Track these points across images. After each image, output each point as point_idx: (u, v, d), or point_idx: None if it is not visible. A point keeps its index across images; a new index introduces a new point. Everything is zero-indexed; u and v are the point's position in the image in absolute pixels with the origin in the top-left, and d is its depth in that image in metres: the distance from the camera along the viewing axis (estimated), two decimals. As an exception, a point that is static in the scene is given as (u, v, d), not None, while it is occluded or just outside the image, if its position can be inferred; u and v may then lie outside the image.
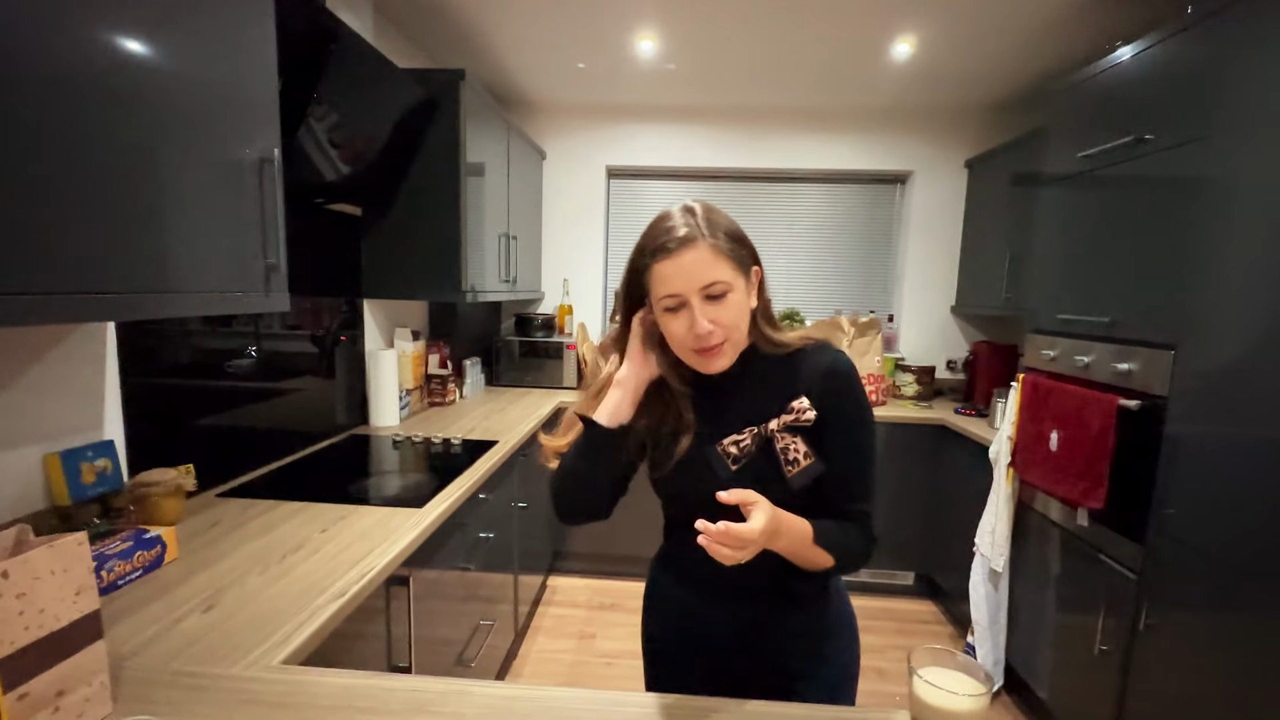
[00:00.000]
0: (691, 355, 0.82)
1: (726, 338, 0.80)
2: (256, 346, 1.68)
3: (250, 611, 0.95)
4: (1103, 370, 1.73)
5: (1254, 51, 1.33)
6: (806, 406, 0.82)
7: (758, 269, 0.87)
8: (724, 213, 0.84)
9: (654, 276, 0.81)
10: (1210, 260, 1.42)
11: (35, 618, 0.65)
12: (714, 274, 0.78)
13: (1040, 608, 1.96)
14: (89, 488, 1.15)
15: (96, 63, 0.81)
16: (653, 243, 0.81)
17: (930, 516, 2.74)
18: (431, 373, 2.56)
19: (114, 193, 0.85)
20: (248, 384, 1.66)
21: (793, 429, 0.83)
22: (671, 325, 0.82)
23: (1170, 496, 1.48)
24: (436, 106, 2.02)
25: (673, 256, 0.78)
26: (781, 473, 0.83)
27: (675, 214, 0.82)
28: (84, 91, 0.80)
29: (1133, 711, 1.56)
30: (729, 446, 0.84)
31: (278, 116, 1.13)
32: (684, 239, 0.79)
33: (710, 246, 0.79)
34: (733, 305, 0.80)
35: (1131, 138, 1.67)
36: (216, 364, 1.55)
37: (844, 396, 0.85)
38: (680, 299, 0.79)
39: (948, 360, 3.22)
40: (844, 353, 0.88)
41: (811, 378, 0.85)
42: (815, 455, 0.83)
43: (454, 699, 0.76)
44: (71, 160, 0.78)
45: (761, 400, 0.85)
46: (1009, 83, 2.66)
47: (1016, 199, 2.63)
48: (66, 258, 0.79)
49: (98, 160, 0.82)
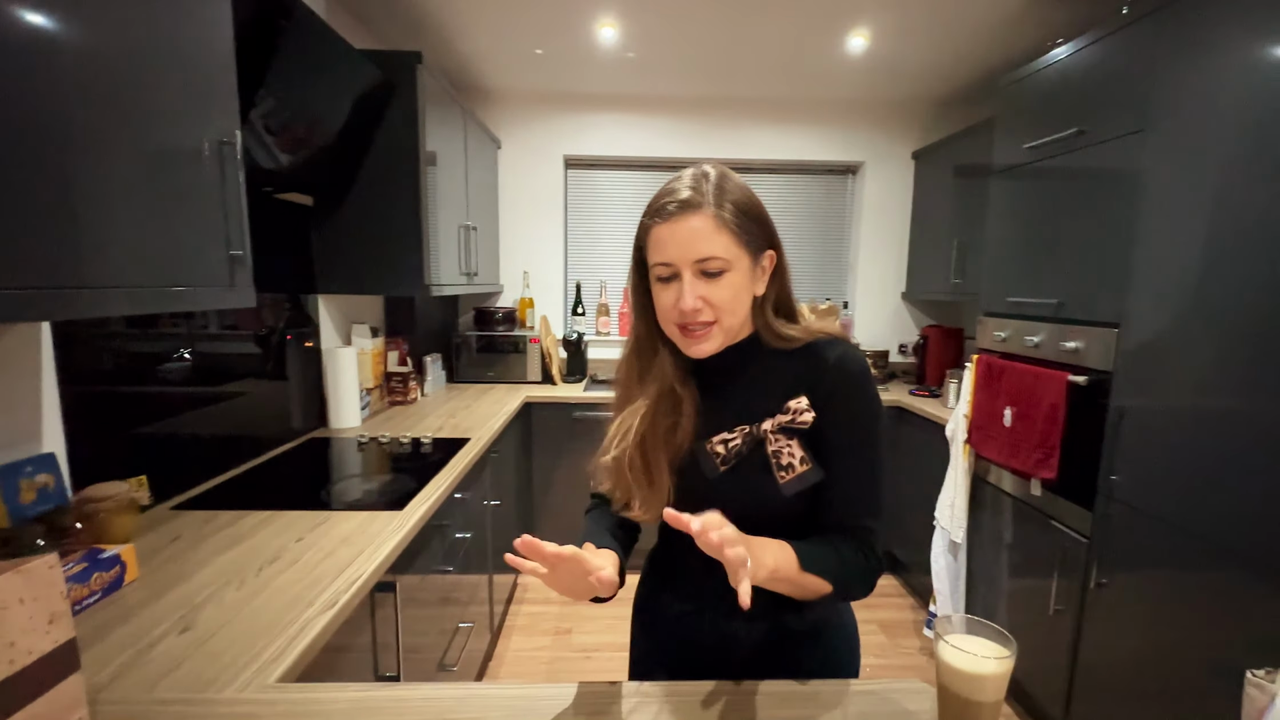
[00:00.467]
0: (676, 333, 0.77)
1: (716, 320, 0.74)
2: (191, 349, 1.52)
3: (234, 629, 0.89)
4: (1052, 349, 1.85)
5: (1184, 51, 1.44)
6: (805, 407, 0.75)
7: (772, 253, 0.78)
8: (744, 184, 0.76)
9: (651, 240, 0.75)
10: (1147, 244, 1.53)
11: (5, 652, 0.58)
12: (711, 248, 0.71)
13: (997, 574, 2.08)
14: (29, 507, 1.03)
15: (16, 32, 0.73)
16: (656, 202, 0.75)
17: (889, 495, 2.84)
18: (391, 370, 2.46)
19: (43, 179, 0.76)
20: (193, 389, 1.53)
21: (788, 430, 0.75)
22: (661, 296, 0.76)
23: (1116, 464, 1.60)
24: (394, 90, 1.93)
25: (670, 221, 0.72)
26: (773, 478, 0.75)
27: (685, 175, 0.75)
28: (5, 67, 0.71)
29: (1086, 664, 1.69)
30: (717, 445, 0.77)
31: (236, 95, 1.05)
32: (685, 203, 0.71)
33: (714, 216, 0.71)
34: (728, 286, 0.73)
35: (1073, 130, 1.78)
36: (156, 368, 1.42)
37: (851, 398, 0.76)
38: (673, 269, 0.73)
39: (900, 345, 3.35)
40: (857, 349, 0.80)
41: (816, 375, 0.77)
42: (813, 461, 0.75)
43: (475, 703, 0.73)
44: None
45: (760, 397, 0.78)
46: (954, 78, 2.79)
47: (961, 189, 2.77)
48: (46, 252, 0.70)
49: (27, 147, 0.73)
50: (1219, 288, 1.35)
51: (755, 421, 0.77)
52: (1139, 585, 1.53)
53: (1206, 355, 1.38)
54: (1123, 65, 1.62)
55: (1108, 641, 1.62)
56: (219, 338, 1.67)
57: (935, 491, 2.32)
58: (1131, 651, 1.54)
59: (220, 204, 1.01)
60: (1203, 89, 1.39)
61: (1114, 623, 1.60)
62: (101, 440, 1.24)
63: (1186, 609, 1.40)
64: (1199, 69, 1.40)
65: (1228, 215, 1.33)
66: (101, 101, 0.82)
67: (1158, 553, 1.48)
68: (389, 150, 1.99)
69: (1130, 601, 1.55)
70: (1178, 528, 1.42)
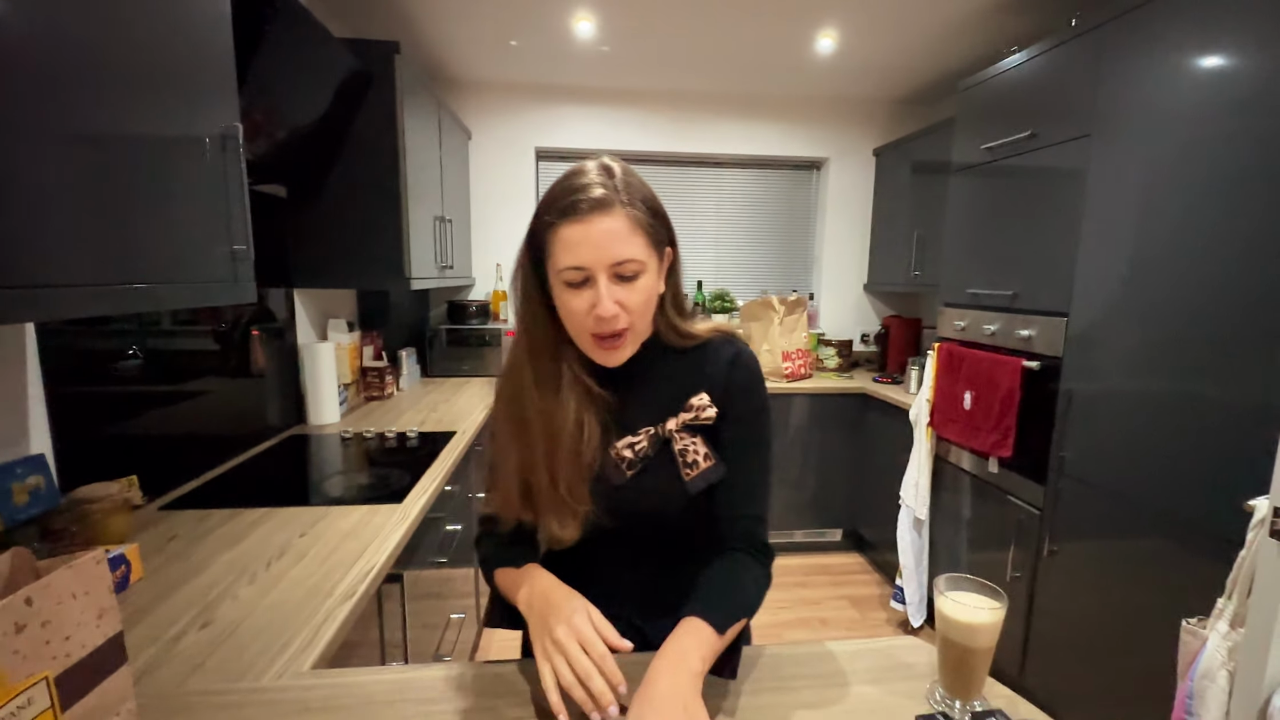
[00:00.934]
0: (589, 341, 0.72)
1: (630, 325, 0.71)
2: (141, 347, 1.40)
3: (254, 622, 0.89)
4: (1008, 337, 1.99)
5: (1126, 62, 1.57)
6: (707, 404, 0.75)
7: (670, 250, 0.76)
8: (642, 179, 0.72)
9: (557, 241, 0.68)
10: (1090, 241, 1.67)
11: (62, 646, 0.58)
12: (628, 250, 0.68)
13: (958, 547, 2.23)
14: (21, 509, 1.00)
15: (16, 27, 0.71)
16: (562, 199, 0.68)
17: (854, 477, 3.00)
18: (367, 365, 2.43)
19: (61, 178, 0.74)
20: (166, 387, 1.48)
21: (691, 428, 0.75)
22: (571, 302, 0.69)
23: (1066, 442, 1.75)
24: (371, 80, 1.90)
25: (583, 221, 0.66)
26: (679, 476, 0.75)
27: (591, 169, 0.70)
28: (20, 73, 0.70)
29: (1039, 624, 1.84)
30: (623, 450, 0.75)
31: (235, 86, 1.03)
32: (599, 202, 0.66)
33: (628, 216, 0.68)
34: (642, 289, 0.70)
35: (1026, 133, 1.91)
36: (120, 366, 1.35)
37: (749, 394, 0.78)
38: (586, 273, 0.68)
39: (862, 334, 3.50)
40: (748, 346, 0.81)
41: (715, 373, 0.77)
42: (716, 457, 0.76)
43: (509, 680, 0.77)
44: (19, 148, 0.68)
45: (663, 398, 0.77)
46: (914, 79, 2.92)
47: (919, 185, 2.91)
48: (33, 250, 0.69)
49: (44, 148, 0.72)
50: (1151, 280, 1.49)
51: (658, 422, 0.76)
52: (1087, 551, 1.69)
53: (1141, 341, 1.52)
54: (1071, 74, 1.76)
55: (1059, 604, 1.78)
56: (187, 335, 1.60)
57: (899, 473, 2.46)
58: (1080, 611, 1.70)
59: (224, 198, 1.00)
60: (1141, 99, 1.53)
61: (1064, 586, 1.76)
62: (85, 441, 1.20)
63: (1129, 570, 1.56)
64: (1139, 80, 1.54)
65: (1158, 215, 1.48)
66: (110, 95, 0.81)
67: (1103, 521, 1.63)
68: (366, 141, 1.96)
69: (1079, 566, 1.71)
70: (1121, 497, 1.57)
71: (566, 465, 0.74)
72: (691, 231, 3.40)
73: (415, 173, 2.14)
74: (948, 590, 0.73)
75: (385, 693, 0.74)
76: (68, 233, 0.75)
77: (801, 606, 2.62)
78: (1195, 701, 1.11)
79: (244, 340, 1.85)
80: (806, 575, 2.88)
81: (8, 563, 0.63)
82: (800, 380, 3.01)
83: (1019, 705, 0.73)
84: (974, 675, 0.71)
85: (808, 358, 3.09)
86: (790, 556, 3.05)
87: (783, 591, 2.73)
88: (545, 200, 0.70)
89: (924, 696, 0.75)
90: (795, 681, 0.77)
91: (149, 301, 0.88)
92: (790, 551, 3.08)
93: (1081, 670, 1.69)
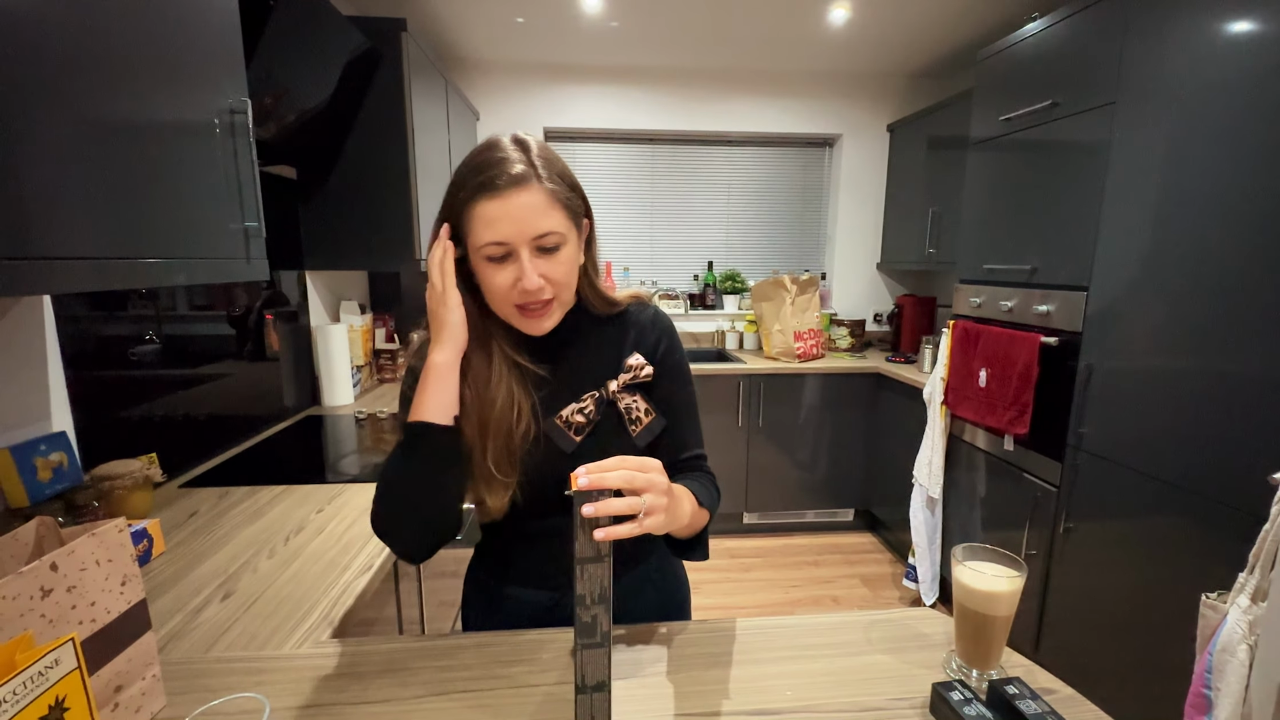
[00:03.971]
0: (514, 313, 0.73)
1: (555, 295, 0.73)
2: (158, 333, 1.41)
3: (276, 593, 0.91)
4: (1025, 313, 1.95)
5: (1153, 26, 1.52)
6: (643, 363, 0.80)
7: (588, 221, 0.78)
8: (556, 153, 0.74)
9: (475, 217, 0.68)
10: (1113, 212, 1.63)
11: (87, 611, 0.60)
12: (548, 223, 0.69)
13: (972, 525, 2.22)
14: (46, 485, 1.02)
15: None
16: (476, 175, 0.68)
17: (866, 457, 2.99)
18: (379, 347, 2.44)
19: (74, 156, 0.74)
20: (183, 370, 1.50)
21: (631, 388, 0.80)
22: (494, 278, 0.70)
23: (1084, 418, 1.72)
24: (379, 59, 1.88)
25: (501, 196, 0.67)
26: (627, 434, 0.79)
27: (505, 143, 0.70)
28: (38, 56, 0.69)
29: (1054, 602, 1.83)
30: (573, 416, 0.77)
31: (243, 63, 1.02)
32: (516, 177, 0.67)
33: (546, 191, 0.69)
34: (564, 260, 0.72)
35: (1048, 102, 1.86)
36: (138, 350, 1.37)
37: (673, 349, 0.84)
38: (507, 248, 0.69)
39: (874, 313, 3.46)
40: (658, 306, 0.88)
41: (640, 334, 0.82)
42: (657, 411, 0.81)
43: (530, 646, 0.77)
44: (36, 128, 0.68)
45: (597, 363, 0.80)
46: (930, 51, 2.85)
47: (935, 161, 2.85)
48: (49, 224, 0.69)
49: (58, 128, 0.72)
50: (1177, 253, 1.45)
51: (598, 386, 0.79)
52: (1104, 528, 1.67)
53: (1165, 315, 1.49)
54: (1096, 40, 1.70)
55: (1074, 581, 1.76)
56: (202, 320, 1.61)
57: (912, 452, 2.44)
58: (1097, 588, 1.68)
59: (234, 175, 1.00)
60: (1170, 65, 1.47)
61: (1080, 563, 1.74)
62: (105, 420, 1.22)
63: (1148, 546, 1.54)
64: (1168, 45, 1.48)
65: (1185, 186, 1.43)
66: (121, 75, 0.81)
67: (1122, 497, 1.61)
68: (374, 121, 1.95)
69: (1096, 543, 1.69)
70: (1141, 473, 1.55)
71: (496, 440, 0.75)
72: (701, 211, 3.36)
73: (424, 153, 2.13)
74: (966, 560, 0.72)
75: (403, 659, 0.75)
76: (80, 208, 0.75)
77: (813, 585, 2.63)
78: (1214, 675, 1.10)
79: (259, 324, 1.87)
80: (819, 554, 2.88)
81: (33, 531, 0.64)
82: (812, 360, 2.99)
83: (1036, 674, 0.73)
84: (992, 644, 0.71)
85: (820, 338, 3.06)
86: (802, 536, 3.05)
87: (795, 570, 2.74)
88: (459, 176, 0.70)
89: (940, 665, 0.74)
90: (811, 650, 0.77)
91: (161, 276, 0.89)
92: (802, 531, 3.09)
93: (1098, 646, 1.68)
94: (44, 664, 0.49)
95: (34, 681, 0.49)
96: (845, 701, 0.68)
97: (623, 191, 3.30)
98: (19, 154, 0.67)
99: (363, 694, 0.68)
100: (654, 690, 0.70)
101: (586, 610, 0.57)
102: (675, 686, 0.70)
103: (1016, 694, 0.63)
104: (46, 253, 0.70)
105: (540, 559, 0.83)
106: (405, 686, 0.70)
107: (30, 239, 0.68)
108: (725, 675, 0.72)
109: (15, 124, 0.66)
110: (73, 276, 0.74)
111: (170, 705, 0.67)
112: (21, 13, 0.67)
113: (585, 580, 0.56)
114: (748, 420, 2.90)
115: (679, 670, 0.73)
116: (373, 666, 0.73)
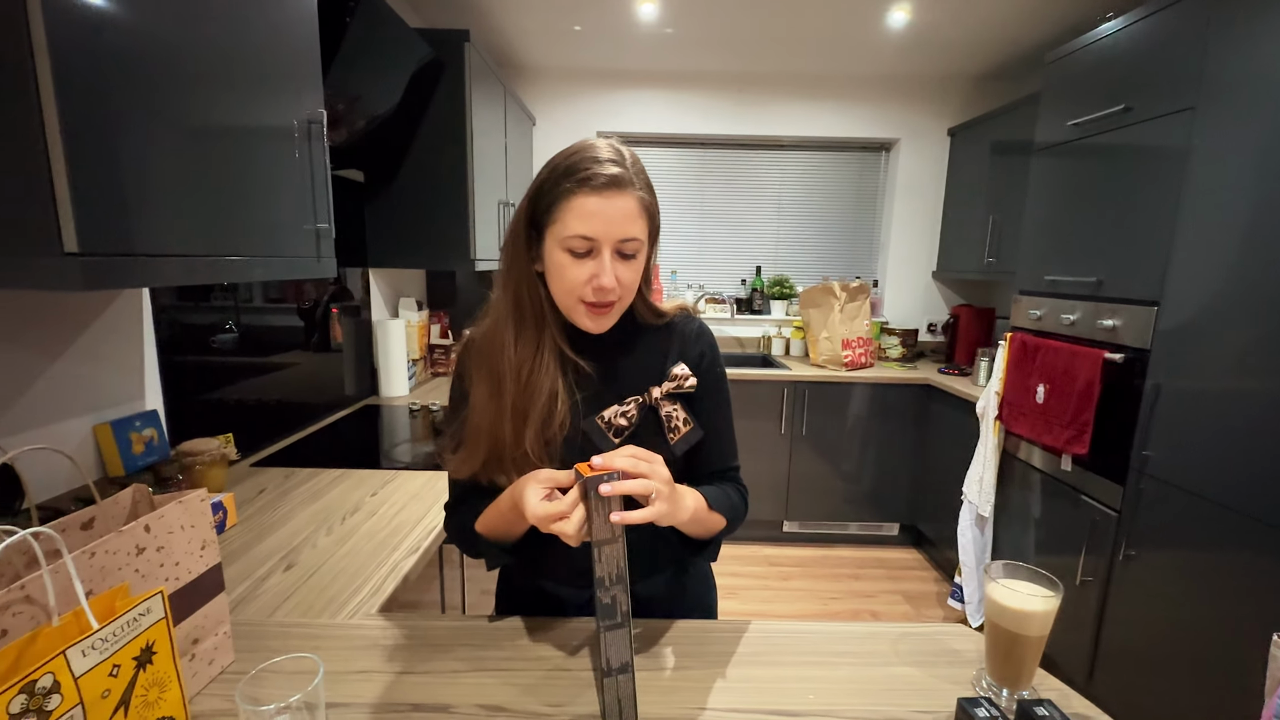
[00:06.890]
0: (578, 307, 0.75)
1: (620, 298, 0.76)
2: (236, 322, 1.53)
3: (332, 567, 0.98)
4: (1088, 327, 1.86)
5: (1238, 26, 1.43)
6: (688, 373, 0.81)
7: (657, 236, 0.81)
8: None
9: (569, 209, 0.71)
10: (1191, 223, 1.54)
11: (172, 570, 0.67)
12: (635, 229, 0.72)
13: (1024, 547, 2.13)
14: (139, 458, 1.14)
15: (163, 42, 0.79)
16: (579, 169, 0.70)
17: (914, 471, 2.90)
18: (434, 343, 2.55)
19: (170, 163, 0.83)
20: (255, 359, 1.62)
21: (673, 396, 0.81)
22: (571, 269, 0.72)
23: (1150, 440, 1.63)
24: (443, 68, 1.98)
25: (600, 194, 0.70)
26: (665, 440, 0.80)
27: (603, 148, 0.73)
28: (146, 72, 0.78)
29: (1110, 633, 1.74)
30: (615, 418, 0.79)
31: (320, 74, 1.11)
32: (616, 179, 0.70)
33: (638, 199, 0.72)
34: (637, 267, 0.75)
35: (1120, 107, 1.77)
36: (217, 338, 1.49)
37: (715, 363, 0.86)
38: (593, 244, 0.71)
39: (929, 323, 3.36)
40: (702, 320, 0.89)
41: (686, 345, 0.84)
42: (695, 421, 0.82)
43: (558, 634, 0.81)
44: (146, 137, 0.77)
45: (641, 369, 0.82)
46: (995, 53, 2.75)
47: (997, 167, 2.75)
48: (150, 224, 0.78)
49: (158, 137, 0.80)
50: (1261, 269, 1.36)
51: (640, 392, 0.80)
52: (1168, 557, 1.57)
53: (1246, 335, 1.40)
54: (1175, 41, 1.61)
55: (1133, 612, 1.67)
56: (275, 311, 1.74)
57: (962, 468, 2.36)
58: (1157, 621, 1.59)
59: (309, 180, 1.08)
60: (1257, 67, 1.38)
61: (1141, 594, 1.65)
62: (188, 401, 1.34)
63: (1215, 579, 1.44)
64: (1254, 46, 1.39)
65: (1276, 197, 1.34)
66: (212, 88, 0.89)
67: (1189, 526, 1.51)
68: (437, 127, 2.05)
69: (1159, 573, 1.60)
70: (1211, 501, 1.46)
71: (533, 428, 0.76)
72: (751, 215, 3.35)
73: (481, 158, 2.22)
74: (1000, 577, 0.71)
75: (443, 636, 0.80)
76: (175, 209, 0.84)
77: (853, 598, 2.58)
78: (1283, 721, 1.03)
79: (325, 317, 2.00)
80: (860, 568, 2.82)
81: (130, 496, 0.72)
82: (860, 369, 2.93)
83: (1072, 699, 0.71)
84: (1024, 664, 0.70)
85: (869, 346, 2.99)
86: (844, 548, 2.99)
87: (834, 582, 2.69)
88: (560, 166, 0.72)
89: (970, 682, 0.73)
90: (837, 657, 0.78)
91: (242, 272, 0.98)
92: (844, 543, 3.03)
93: (1156, 684, 1.59)
94: (138, 611, 0.56)
95: (130, 626, 0.55)
96: (867, 710, 0.68)
97: (673, 195, 3.33)
98: (130, 160, 0.75)
99: (406, 664, 0.74)
100: (677, 683, 0.72)
101: (605, 591, 0.59)
102: (698, 681, 0.72)
103: (1046, 715, 0.62)
104: (147, 250, 0.79)
105: (573, 556, 0.80)
106: (444, 661, 0.75)
107: (133, 237, 0.77)
108: (748, 674, 0.74)
109: (131, 136, 0.75)
110: (166, 272, 0.82)
111: (238, 660, 0.74)
112: (140, 31, 0.75)
113: (603, 562, 0.59)
114: (791, 428, 2.87)
115: (703, 666, 0.75)
116: (416, 641, 0.79)
